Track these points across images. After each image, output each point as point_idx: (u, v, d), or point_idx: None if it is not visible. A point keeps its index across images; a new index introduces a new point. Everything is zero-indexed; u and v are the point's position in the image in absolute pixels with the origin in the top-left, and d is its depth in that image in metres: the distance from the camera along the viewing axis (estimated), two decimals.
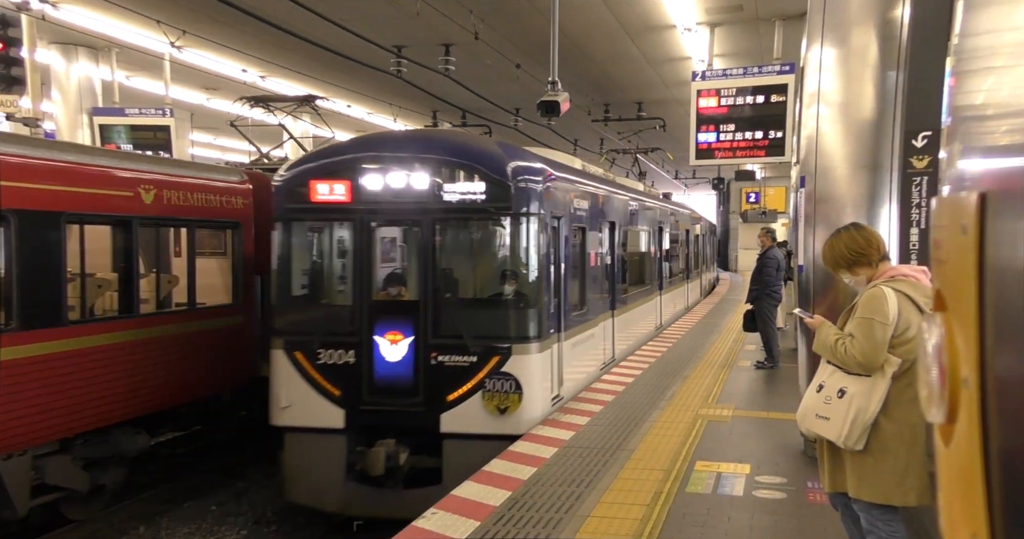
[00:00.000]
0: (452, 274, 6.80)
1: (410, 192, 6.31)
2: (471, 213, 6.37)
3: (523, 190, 6.26)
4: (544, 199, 6.50)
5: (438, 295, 6.41)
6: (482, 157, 6.38)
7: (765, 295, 9.23)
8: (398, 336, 6.28)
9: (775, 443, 5.96)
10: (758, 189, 27.00)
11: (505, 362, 6.13)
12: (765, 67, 10.14)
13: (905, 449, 2.90)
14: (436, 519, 4.28)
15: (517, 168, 6.32)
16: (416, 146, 6.58)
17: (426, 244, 6.36)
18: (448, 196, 6.25)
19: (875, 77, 5.08)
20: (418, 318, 6.24)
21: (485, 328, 6.35)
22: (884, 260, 3.13)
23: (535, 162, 6.77)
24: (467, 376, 6.16)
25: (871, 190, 5.07)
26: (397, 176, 6.36)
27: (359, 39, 9.37)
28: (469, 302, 6.88)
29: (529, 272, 6.44)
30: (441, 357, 6.20)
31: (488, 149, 6.60)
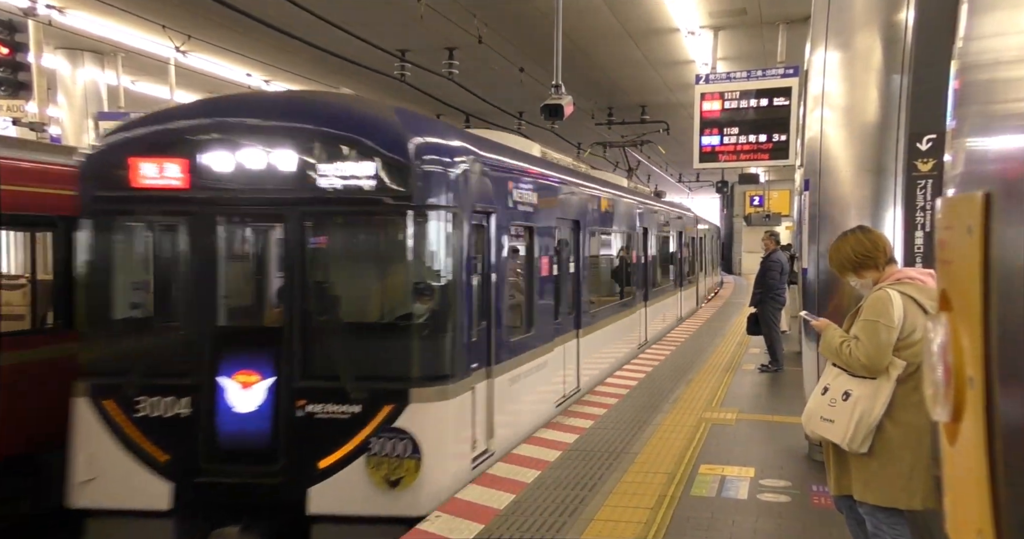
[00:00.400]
0: (330, 290, 5.07)
1: (272, 176, 4.56)
2: (357, 205, 4.62)
3: (431, 174, 4.62)
4: (464, 187, 4.90)
5: (309, 319, 4.64)
6: (372, 128, 4.69)
7: (769, 298, 9.22)
8: (252, 377, 4.50)
9: (779, 447, 5.94)
10: (762, 192, 27.00)
11: (399, 413, 4.39)
12: (769, 70, 10.15)
13: (910, 452, 2.90)
14: (440, 522, 4.28)
15: (423, 145, 4.68)
16: (281, 112, 4.84)
17: (293, 248, 4.63)
18: (325, 181, 4.51)
19: (879, 80, 5.08)
20: (280, 351, 4.51)
21: (373, 365, 4.65)
22: (890, 263, 3.13)
23: (452, 138, 5.16)
24: (346, 434, 4.40)
25: (875, 193, 5.07)
26: (254, 153, 4.60)
27: (363, 43, 9.41)
28: (353, 328, 5.02)
29: (437, 287, 4.72)
30: (311, 406, 4.44)
31: (381, 117, 4.87)
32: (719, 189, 24.25)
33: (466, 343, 4.84)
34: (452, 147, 5.03)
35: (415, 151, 4.59)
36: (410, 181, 4.53)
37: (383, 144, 4.55)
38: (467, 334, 4.86)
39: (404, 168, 4.52)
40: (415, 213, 4.60)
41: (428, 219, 4.65)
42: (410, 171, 4.53)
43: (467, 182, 4.99)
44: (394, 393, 4.44)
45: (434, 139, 4.93)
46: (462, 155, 5.05)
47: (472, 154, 5.20)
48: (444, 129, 5.45)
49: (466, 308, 4.84)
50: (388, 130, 4.72)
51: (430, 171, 4.66)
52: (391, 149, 4.54)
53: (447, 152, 4.90)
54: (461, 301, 4.77)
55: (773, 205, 26.48)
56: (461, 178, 4.91)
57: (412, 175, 4.53)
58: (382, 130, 4.70)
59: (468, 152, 5.16)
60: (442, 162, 4.78)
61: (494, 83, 13.78)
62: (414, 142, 4.63)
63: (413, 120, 5.05)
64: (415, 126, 4.91)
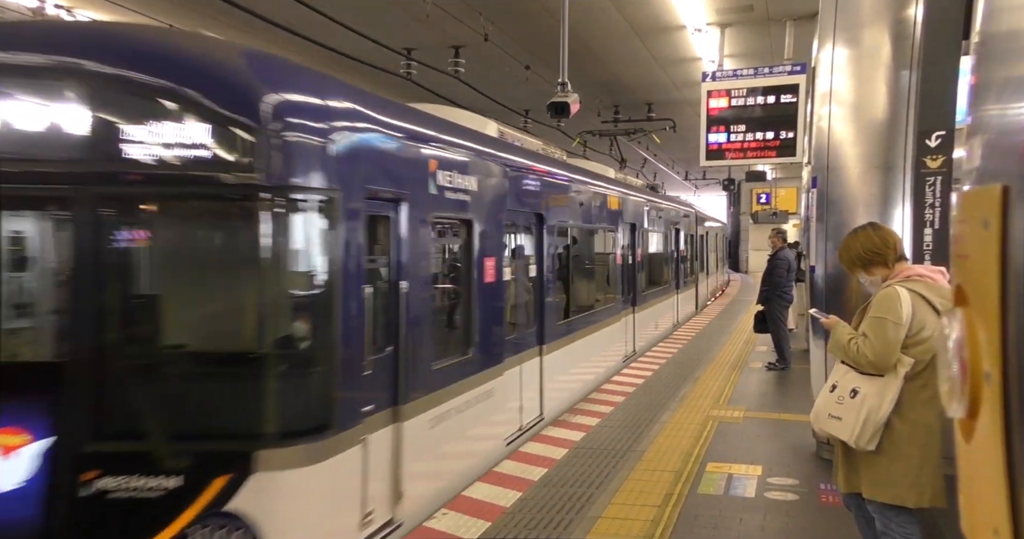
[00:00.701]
0: (140, 308, 3.44)
1: (53, 141, 3.14)
2: (178, 185, 3.21)
3: (294, 144, 3.28)
4: (350, 164, 3.56)
5: (105, 350, 3.15)
6: (203, 73, 3.29)
7: (776, 296, 9.19)
8: (15, 437, 3.08)
9: (787, 445, 5.92)
10: (769, 190, 26.91)
11: (237, 488, 3.03)
12: (776, 67, 10.10)
13: (919, 450, 2.88)
14: (447, 519, 4.28)
15: (283, 102, 3.31)
16: (64, 45, 3.30)
17: (84, 246, 3.17)
18: (133, 151, 3.11)
19: (888, 77, 5.05)
20: (60, 399, 3.08)
21: (202, 417, 3.26)
22: (901, 260, 3.11)
23: (332, 94, 3.67)
24: (157, 521, 3.01)
25: (884, 190, 5.04)
26: (22, 106, 3.18)
27: (369, 41, 9.41)
28: (171, 364, 3.36)
29: (302, 302, 3.43)
30: (105, 481, 3.02)
31: (219, 59, 3.43)
32: (726, 187, 24.16)
33: (351, 379, 3.48)
34: (331, 108, 3.55)
35: (271, 110, 3.18)
36: (260, 152, 3.12)
37: (220, 97, 3.15)
38: (353, 366, 3.50)
39: (252, 133, 3.12)
40: (268, 198, 3.15)
41: (288, 206, 3.21)
42: (260, 138, 3.13)
43: (356, 157, 3.60)
44: (230, 458, 3.06)
45: (301, 95, 3.45)
46: (348, 119, 3.61)
47: (366, 120, 3.77)
48: (319, 82, 3.74)
49: (351, 331, 3.47)
50: (228, 78, 3.29)
51: (293, 140, 3.24)
52: (232, 105, 3.14)
53: (322, 114, 3.46)
54: (340, 322, 3.39)
55: (780, 203, 26.39)
56: (345, 151, 3.49)
57: (263, 143, 3.13)
58: (219, 77, 3.27)
59: (359, 116, 3.71)
60: (313, 128, 3.35)
61: (500, 81, 13.77)
62: (269, 97, 3.22)
63: (269, 66, 3.53)
64: (272, 74, 3.45)
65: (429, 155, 4.42)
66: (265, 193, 3.17)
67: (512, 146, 6.47)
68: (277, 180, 3.19)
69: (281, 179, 3.21)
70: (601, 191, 8.75)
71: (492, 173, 5.38)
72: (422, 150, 4.37)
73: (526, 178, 6.23)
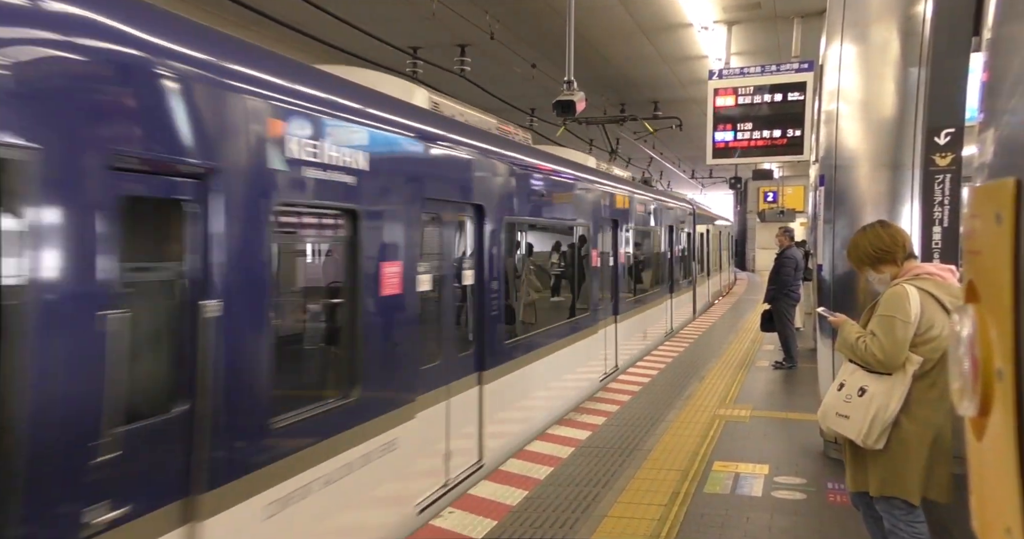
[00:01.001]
0: None
1: None
2: None
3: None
4: (74, 108, 2.20)
5: None
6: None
7: (783, 295, 9.17)
8: None
9: (794, 444, 5.90)
10: (776, 188, 26.81)
11: None
12: (783, 65, 10.05)
13: (927, 449, 2.86)
14: (453, 518, 4.28)
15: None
16: None
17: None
18: None
19: (896, 74, 5.02)
20: None
21: None
22: (909, 258, 3.09)
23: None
24: None
25: (892, 188, 5.02)
26: None
27: (375, 40, 9.42)
28: None
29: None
30: None
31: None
32: (733, 185, 24.09)
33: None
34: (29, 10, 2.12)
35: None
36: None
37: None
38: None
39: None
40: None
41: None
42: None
43: (88, 99, 2.24)
44: None
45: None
46: (71, 32, 2.21)
47: (124, 42, 2.39)
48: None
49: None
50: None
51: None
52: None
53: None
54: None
55: (787, 201, 26.29)
56: (57, 84, 2.14)
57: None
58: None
59: (99, 31, 2.32)
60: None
61: (506, 80, 13.75)
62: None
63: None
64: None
65: (271, 112, 3.04)
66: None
67: (442, 119, 4.96)
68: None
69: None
70: (569, 182, 7.26)
71: (402, 150, 4.11)
72: (257, 103, 2.96)
73: (461, 160, 4.88)
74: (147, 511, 2.40)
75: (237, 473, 2.80)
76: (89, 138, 2.24)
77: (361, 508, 3.71)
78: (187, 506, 2.57)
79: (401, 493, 4.07)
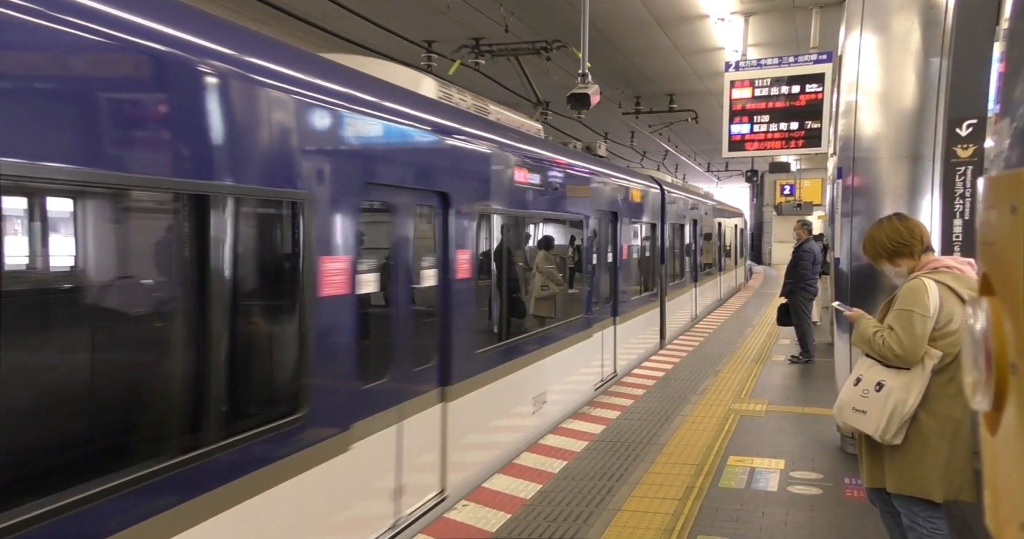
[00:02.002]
0: None
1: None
2: None
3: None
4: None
5: None
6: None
7: (800, 289, 9.09)
8: None
9: (810, 438, 5.86)
10: (793, 181, 26.52)
11: None
12: (801, 56, 9.93)
13: (947, 444, 2.83)
14: (467, 511, 4.31)
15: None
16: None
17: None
18: None
19: (917, 64, 4.94)
20: None
21: None
22: (927, 251, 3.05)
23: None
24: None
25: (912, 181, 4.94)
26: None
27: (389, 34, 9.42)
28: None
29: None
30: None
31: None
32: (749, 178, 23.86)
33: None
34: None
35: None
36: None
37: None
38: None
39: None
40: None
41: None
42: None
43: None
44: None
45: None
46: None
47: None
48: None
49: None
50: None
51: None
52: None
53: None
54: None
55: (805, 194, 26.00)
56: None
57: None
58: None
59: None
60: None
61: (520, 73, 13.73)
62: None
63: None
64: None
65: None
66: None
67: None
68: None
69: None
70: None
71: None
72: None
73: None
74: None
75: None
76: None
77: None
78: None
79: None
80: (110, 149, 2.28)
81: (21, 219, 2.34)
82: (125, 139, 2.34)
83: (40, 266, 2.58)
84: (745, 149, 10.05)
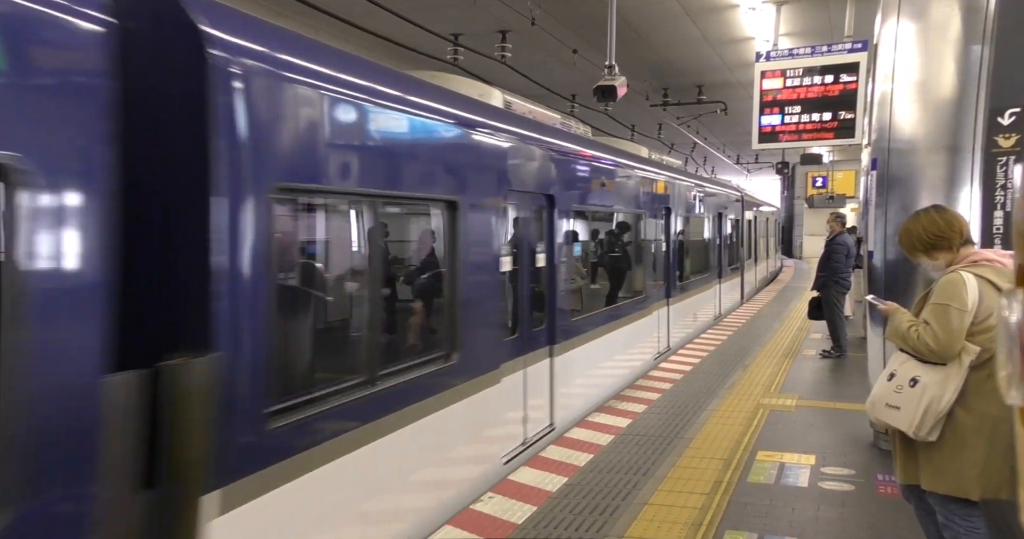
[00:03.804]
0: None
1: None
2: None
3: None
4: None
5: None
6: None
7: (833, 282, 8.96)
8: None
9: (842, 434, 5.77)
10: (825, 173, 26.02)
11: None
12: (835, 45, 9.71)
13: (985, 442, 2.76)
14: (493, 503, 4.33)
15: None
16: None
17: None
18: None
19: (957, 52, 4.79)
20: None
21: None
22: (967, 244, 2.97)
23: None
24: None
25: (950, 172, 4.81)
26: None
27: (416, 28, 9.43)
28: None
29: None
30: None
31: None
32: (779, 170, 23.43)
33: None
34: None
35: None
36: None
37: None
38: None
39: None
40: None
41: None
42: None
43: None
44: None
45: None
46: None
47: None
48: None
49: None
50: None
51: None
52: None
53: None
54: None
55: (837, 186, 25.48)
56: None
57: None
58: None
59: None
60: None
61: (547, 66, 13.64)
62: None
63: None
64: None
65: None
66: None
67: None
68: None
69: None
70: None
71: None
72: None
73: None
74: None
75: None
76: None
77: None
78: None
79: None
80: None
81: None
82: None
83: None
84: (776, 141, 9.88)
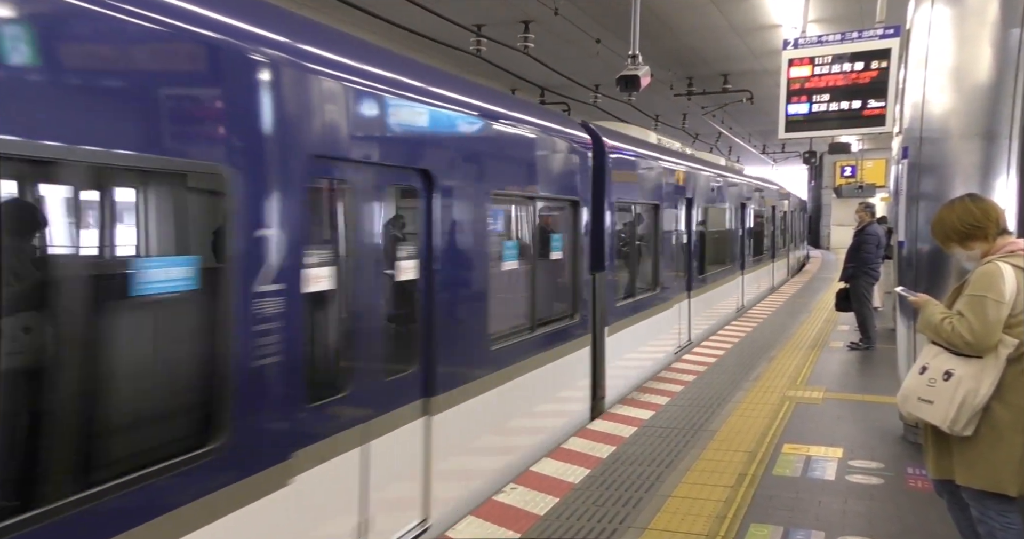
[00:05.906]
0: None
1: None
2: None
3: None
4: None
5: None
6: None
7: (863, 273, 8.81)
8: None
9: (871, 427, 5.68)
10: (854, 162, 25.52)
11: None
12: (866, 31, 9.48)
13: (1022, 437, 2.69)
14: (516, 494, 4.34)
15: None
16: None
17: None
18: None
19: (994, 36, 4.65)
20: None
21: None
22: (1004, 234, 2.89)
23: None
24: None
25: (985, 160, 4.68)
26: None
27: (439, 18, 9.40)
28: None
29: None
30: None
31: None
32: (807, 160, 22.99)
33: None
34: None
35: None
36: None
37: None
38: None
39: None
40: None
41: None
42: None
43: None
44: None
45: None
46: None
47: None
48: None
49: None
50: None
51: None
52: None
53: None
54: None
55: (867, 175, 24.99)
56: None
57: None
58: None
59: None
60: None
61: (570, 56, 13.52)
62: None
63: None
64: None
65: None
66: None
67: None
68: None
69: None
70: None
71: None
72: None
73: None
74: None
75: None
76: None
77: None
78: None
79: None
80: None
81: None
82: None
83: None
84: (804, 130, 9.69)
